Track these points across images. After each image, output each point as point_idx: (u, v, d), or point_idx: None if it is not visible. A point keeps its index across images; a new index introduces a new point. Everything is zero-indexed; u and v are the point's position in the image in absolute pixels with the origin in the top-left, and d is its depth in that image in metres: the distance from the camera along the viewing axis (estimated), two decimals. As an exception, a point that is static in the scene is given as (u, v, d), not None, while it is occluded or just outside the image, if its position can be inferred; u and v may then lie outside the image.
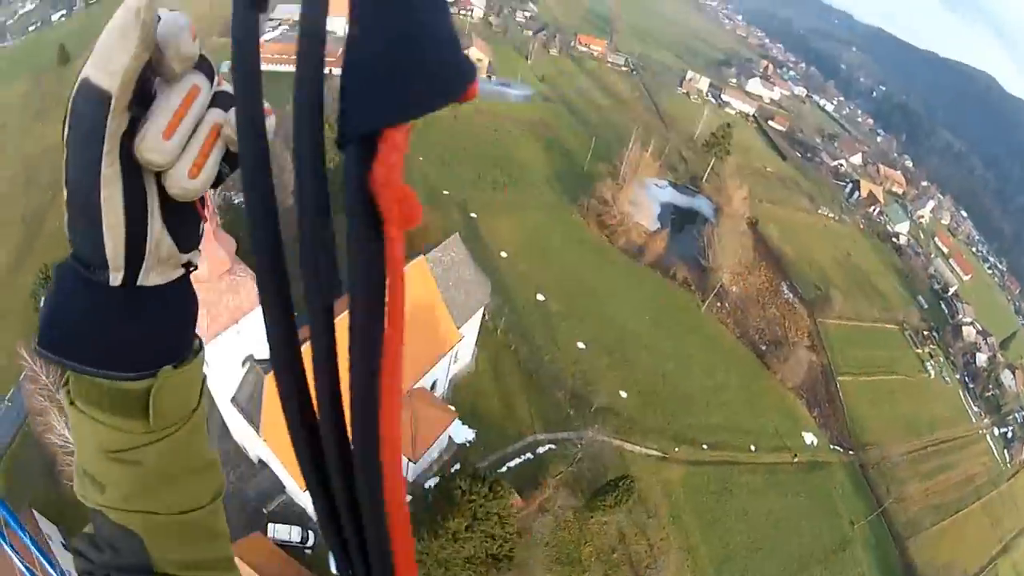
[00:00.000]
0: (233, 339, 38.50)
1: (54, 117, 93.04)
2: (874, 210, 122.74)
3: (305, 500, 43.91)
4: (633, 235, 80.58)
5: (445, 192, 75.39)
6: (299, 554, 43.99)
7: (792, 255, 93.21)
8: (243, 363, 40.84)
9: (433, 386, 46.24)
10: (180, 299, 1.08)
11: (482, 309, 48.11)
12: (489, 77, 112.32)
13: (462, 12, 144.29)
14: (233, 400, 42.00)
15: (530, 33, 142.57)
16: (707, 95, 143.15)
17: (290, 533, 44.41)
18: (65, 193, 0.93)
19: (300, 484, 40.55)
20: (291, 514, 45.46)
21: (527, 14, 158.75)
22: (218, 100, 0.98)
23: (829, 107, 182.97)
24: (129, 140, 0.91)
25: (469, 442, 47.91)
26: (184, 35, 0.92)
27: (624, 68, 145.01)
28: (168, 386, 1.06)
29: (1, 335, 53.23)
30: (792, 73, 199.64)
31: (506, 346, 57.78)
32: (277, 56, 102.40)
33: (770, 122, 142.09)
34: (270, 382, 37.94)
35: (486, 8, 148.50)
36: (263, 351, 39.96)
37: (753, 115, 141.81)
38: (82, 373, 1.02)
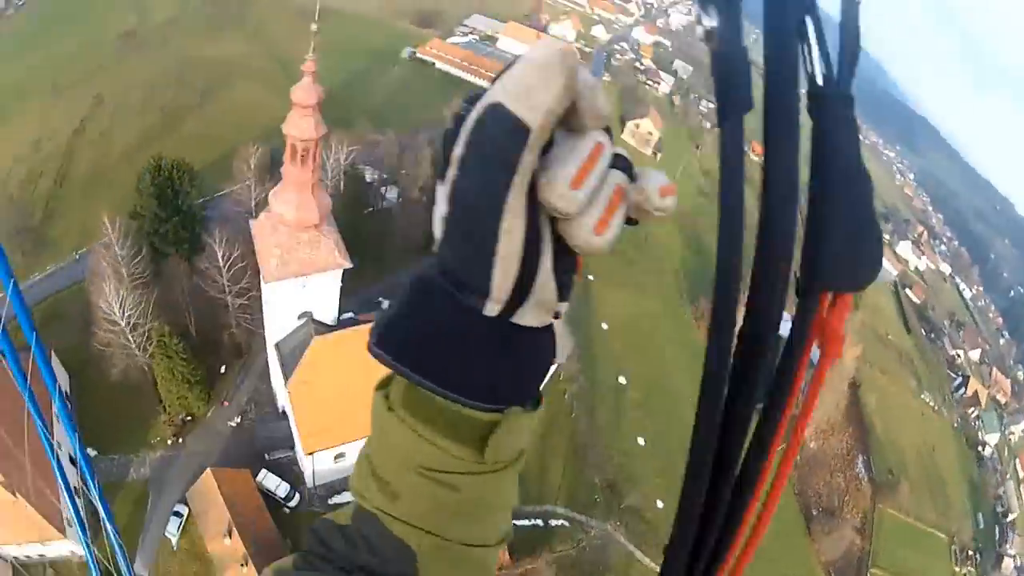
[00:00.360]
0: (297, 290, 40.08)
1: (214, 32, 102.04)
2: (972, 412, 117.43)
3: (306, 465, 44.54)
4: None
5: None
6: (276, 508, 44.75)
7: (880, 431, 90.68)
8: (300, 316, 42.22)
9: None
10: (542, 346, 1.06)
11: (555, 367, 48.10)
12: (655, 154, 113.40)
13: (648, 82, 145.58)
14: (277, 346, 43.45)
15: (708, 125, 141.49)
16: None
17: (278, 487, 45.15)
18: (448, 210, 0.93)
19: (305, 447, 42.24)
20: (288, 470, 46.58)
21: (711, 106, 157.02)
22: (616, 163, 0.96)
23: (967, 293, 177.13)
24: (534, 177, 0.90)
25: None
26: (600, 92, 0.91)
27: None
28: (512, 426, 1.05)
29: (102, 201, 57.66)
30: (943, 248, 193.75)
31: (568, 413, 57.83)
32: (461, 62, 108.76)
33: (907, 290, 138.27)
34: (317, 344, 41.00)
35: (673, 86, 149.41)
36: (321, 313, 43.13)
37: (895, 278, 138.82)
38: (430, 390, 1.01)
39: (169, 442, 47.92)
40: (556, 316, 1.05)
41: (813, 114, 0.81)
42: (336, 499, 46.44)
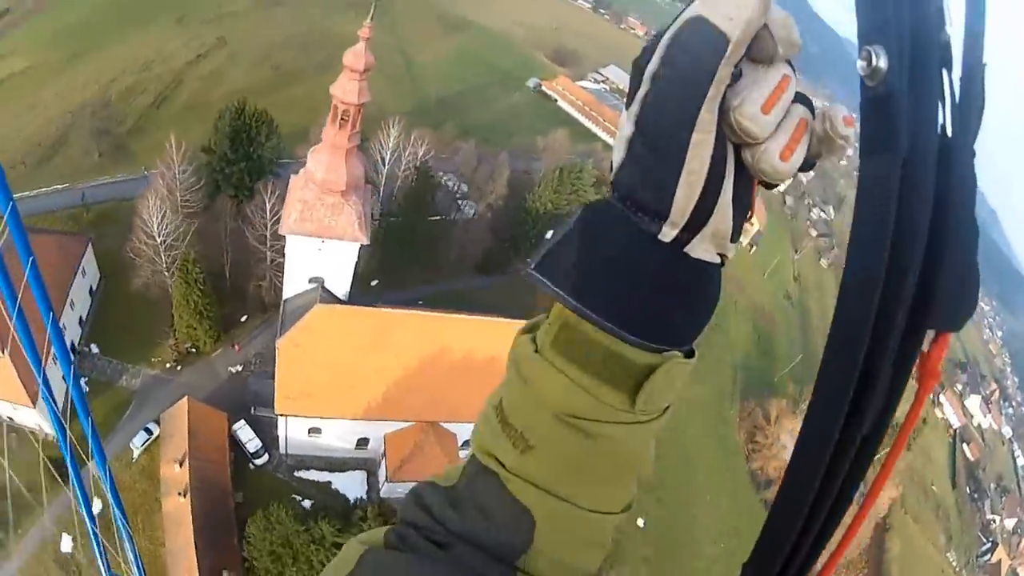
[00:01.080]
0: (313, 251, 39.28)
1: (354, 12, 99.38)
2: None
3: (283, 430, 43.05)
4: (772, 466, 72.15)
5: None
6: (243, 461, 43.54)
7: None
8: (311, 280, 41.45)
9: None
10: (709, 286, 0.96)
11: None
12: (751, 247, 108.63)
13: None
14: (285, 303, 42.56)
15: (814, 233, 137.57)
16: None
17: (250, 440, 43.87)
18: (632, 130, 0.88)
19: (279, 407, 40.55)
20: (266, 430, 44.88)
21: (822, 215, 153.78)
22: (798, 98, 0.90)
23: (1021, 460, 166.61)
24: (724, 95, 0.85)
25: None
26: (792, 22, 0.88)
27: None
28: (670, 371, 0.93)
29: (187, 130, 56.58)
30: (1011, 410, 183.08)
31: None
32: (584, 106, 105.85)
33: (964, 445, 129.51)
34: (319, 311, 39.16)
35: (789, 187, 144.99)
36: (334, 283, 41.65)
37: (955, 430, 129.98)
38: (589, 320, 0.91)
39: (168, 365, 47.69)
40: (722, 261, 0.98)
41: (940, 163, 0.78)
42: (303, 473, 44.55)
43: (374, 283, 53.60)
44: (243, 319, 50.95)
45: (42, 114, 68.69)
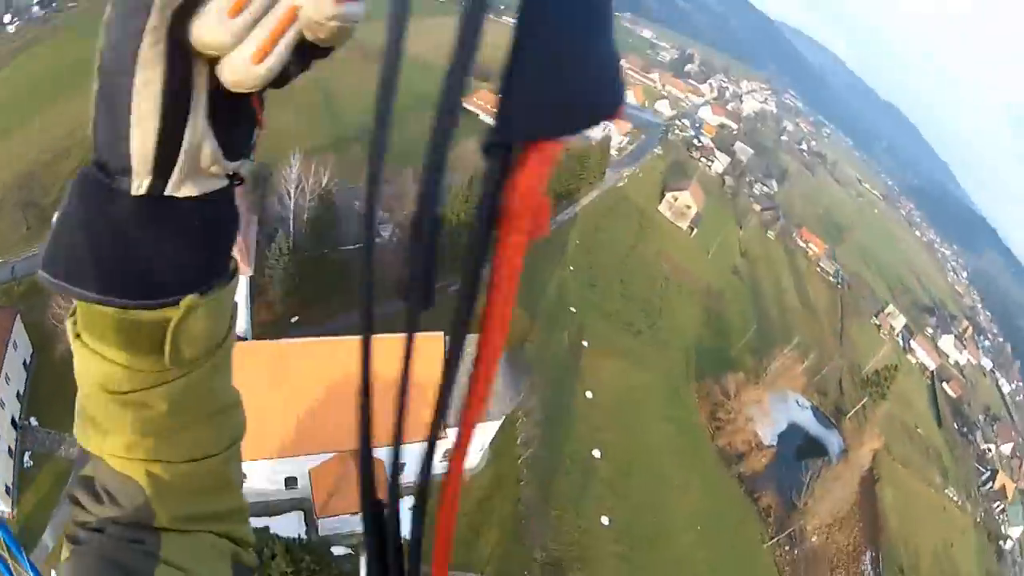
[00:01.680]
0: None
1: None
2: (998, 506, 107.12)
3: None
4: (739, 439, 70.29)
5: (572, 309, 70.28)
6: None
7: (894, 528, 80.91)
8: None
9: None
10: (217, 216, 0.88)
11: (501, 419, 43.28)
12: (691, 229, 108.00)
13: (702, 159, 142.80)
14: None
15: (757, 208, 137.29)
16: (897, 335, 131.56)
17: None
18: (96, 84, 0.76)
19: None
20: None
21: (765, 189, 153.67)
22: None
23: (1007, 388, 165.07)
24: (180, 21, 0.71)
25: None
26: None
27: (830, 278, 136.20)
28: (191, 318, 0.87)
29: None
30: (987, 343, 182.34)
31: (515, 479, 50.65)
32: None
33: (944, 384, 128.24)
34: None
35: (728, 166, 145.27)
36: None
37: (932, 372, 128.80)
38: (86, 300, 0.84)
39: None
40: (234, 180, 0.89)
41: None
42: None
43: (294, 320, 52.07)
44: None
45: None
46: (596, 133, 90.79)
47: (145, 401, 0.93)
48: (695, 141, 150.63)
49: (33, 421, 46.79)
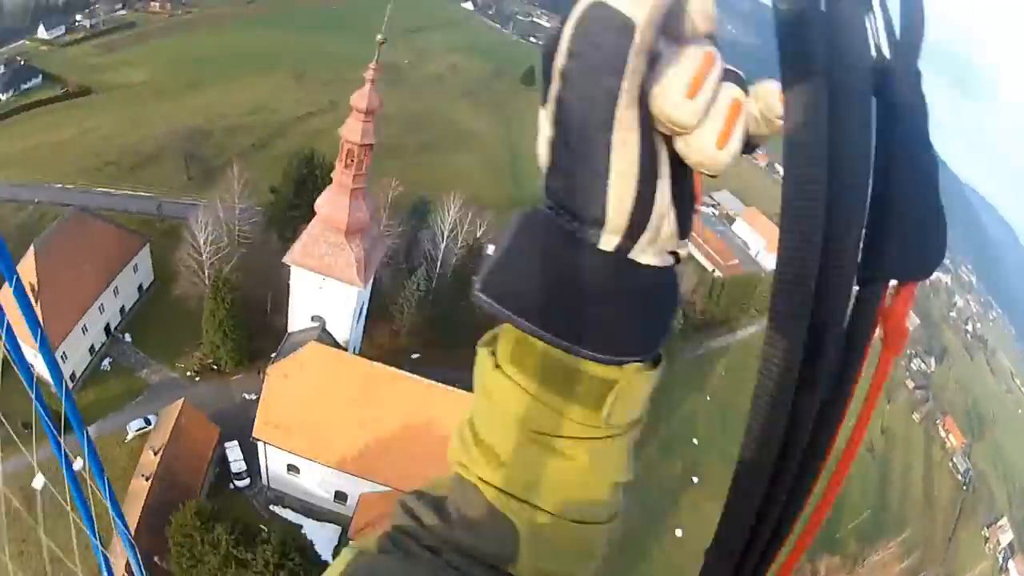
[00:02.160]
0: (314, 288, 39.73)
1: (473, 105, 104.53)
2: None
3: (262, 457, 42.49)
4: None
5: (694, 441, 66.76)
6: (224, 479, 44.05)
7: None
8: (313, 318, 41.81)
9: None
10: (663, 291, 0.89)
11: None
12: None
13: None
14: (289, 335, 43.25)
15: (911, 384, 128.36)
16: (1000, 551, 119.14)
17: (236, 461, 44.75)
18: (552, 132, 0.79)
19: (256, 431, 39.67)
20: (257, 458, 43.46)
21: (922, 367, 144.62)
22: (729, 77, 0.78)
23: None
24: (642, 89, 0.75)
25: None
26: None
27: (959, 476, 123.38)
28: (631, 384, 0.88)
29: (272, 173, 60.66)
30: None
31: None
32: (694, 236, 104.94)
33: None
34: (313, 348, 38.85)
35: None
36: (334, 327, 41.43)
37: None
38: (540, 338, 0.85)
39: (188, 374, 49.67)
40: (677, 259, 0.90)
41: (877, 90, 0.69)
42: (279, 509, 43.67)
43: (415, 356, 52.76)
44: (273, 356, 52.08)
45: (147, 126, 74.43)
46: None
47: (567, 451, 0.93)
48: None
49: (127, 336, 50.96)
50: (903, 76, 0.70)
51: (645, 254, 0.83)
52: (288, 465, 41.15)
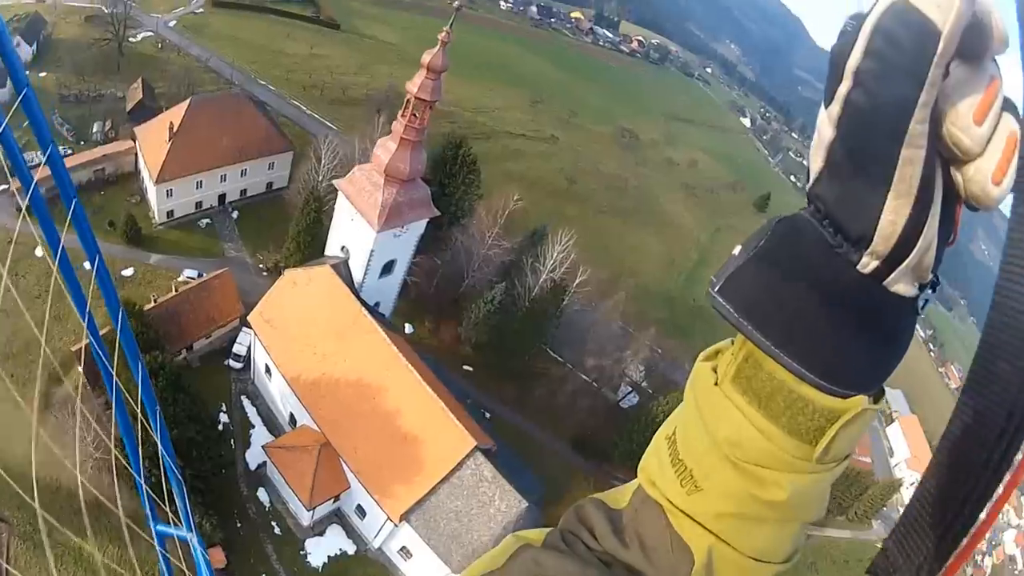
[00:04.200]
0: (347, 219, 41.88)
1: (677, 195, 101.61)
2: None
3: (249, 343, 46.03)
4: None
5: None
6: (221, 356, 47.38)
7: None
8: (342, 248, 43.83)
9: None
10: (904, 325, 0.85)
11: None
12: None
13: None
14: (324, 256, 45.67)
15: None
16: None
17: (240, 345, 47.80)
18: (833, 135, 0.75)
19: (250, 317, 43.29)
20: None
21: None
22: (1006, 106, 0.73)
23: None
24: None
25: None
26: (1000, 17, 0.71)
27: None
28: (856, 421, 0.85)
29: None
30: None
31: None
32: None
33: None
34: (321, 270, 43.21)
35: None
36: (354, 263, 42.78)
37: None
38: (774, 358, 0.83)
39: (260, 266, 56.03)
40: (925, 292, 0.85)
41: None
42: (245, 400, 46.58)
43: (466, 367, 53.61)
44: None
45: (368, 77, 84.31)
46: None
47: (769, 481, 0.89)
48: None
49: (234, 213, 60.70)
50: None
51: (899, 284, 0.79)
52: (265, 365, 43.78)
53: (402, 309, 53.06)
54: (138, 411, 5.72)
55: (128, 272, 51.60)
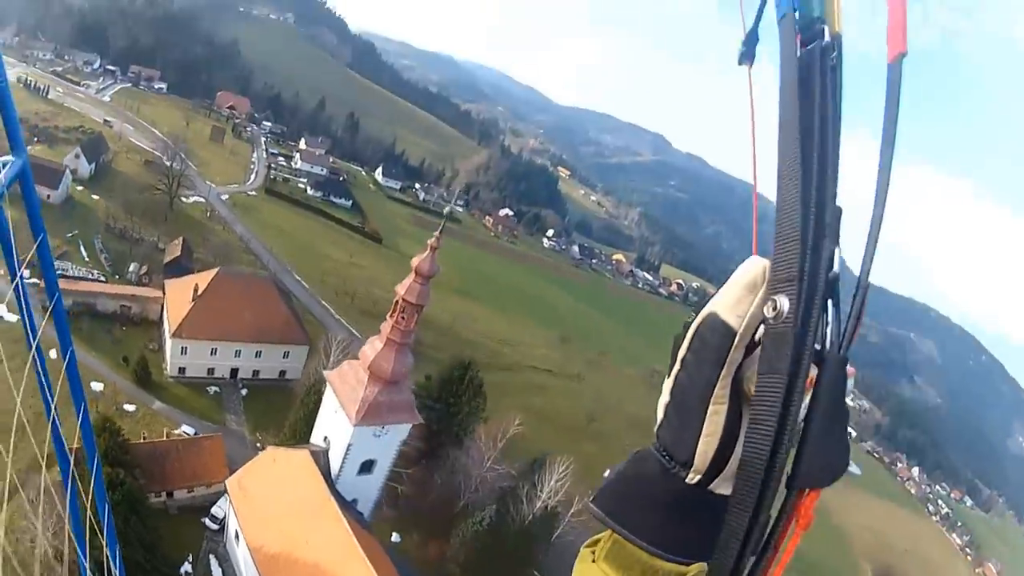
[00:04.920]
0: (331, 410, 42.75)
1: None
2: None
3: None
4: None
5: None
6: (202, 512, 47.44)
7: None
8: (324, 438, 44.01)
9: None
10: (719, 515, 1.14)
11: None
12: None
13: None
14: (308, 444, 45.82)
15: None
16: None
17: (219, 508, 47.84)
18: (668, 399, 1.19)
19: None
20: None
21: None
22: None
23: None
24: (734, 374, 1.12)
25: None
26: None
27: None
28: None
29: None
30: None
31: None
32: None
33: None
34: (298, 455, 42.78)
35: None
36: (333, 449, 42.67)
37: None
38: (633, 543, 1.21)
39: (258, 444, 54.93)
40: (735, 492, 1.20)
41: (817, 364, 1.07)
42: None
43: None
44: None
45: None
46: None
47: None
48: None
49: (243, 391, 61.90)
50: (834, 363, 1.07)
51: (720, 487, 1.17)
52: (235, 531, 43.33)
53: (392, 518, 52.82)
54: (87, 507, 5.74)
55: (130, 408, 53.73)
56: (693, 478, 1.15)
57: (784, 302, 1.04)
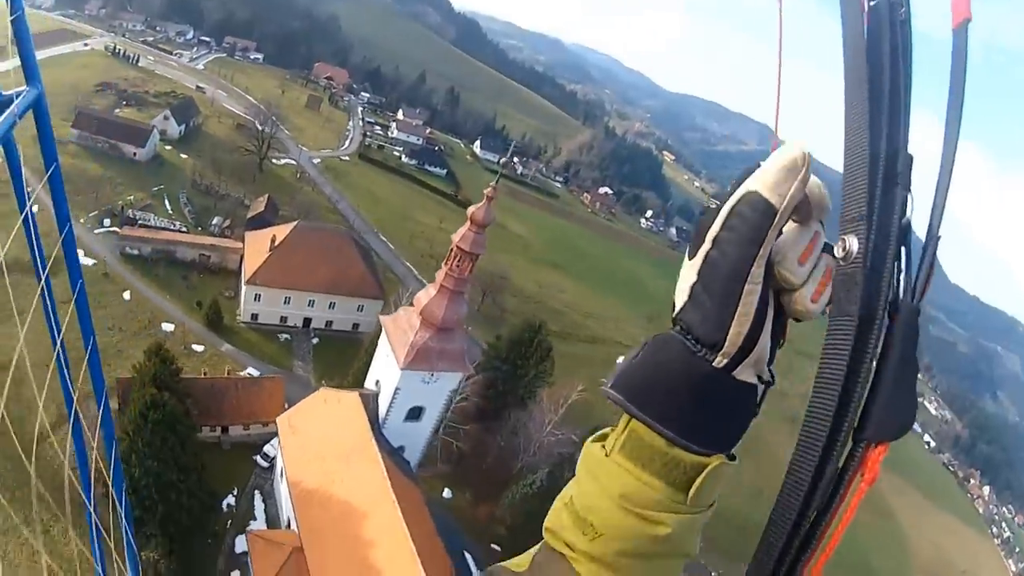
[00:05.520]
0: (383, 354, 43.47)
1: None
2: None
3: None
4: None
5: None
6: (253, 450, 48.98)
7: None
8: (376, 382, 44.76)
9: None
10: (749, 402, 1.17)
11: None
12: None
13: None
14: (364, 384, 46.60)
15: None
16: None
17: (271, 447, 48.89)
18: (696, 279, 1.12)
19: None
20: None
21: None
22: (826, 248, 1.17)
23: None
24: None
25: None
26: (825, 191, 1.14)
27: None
28: (716, 472, 1.15)
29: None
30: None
31: None
32: None
33: None
34: (349, 396, 43.39)
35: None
36: (383, 392, 43.23)
37: None
38: (653, 429, 1.14)
39: (321, 387, 54.52)
40: (764, 382, 1.20)
41: (891, 315, 1.11)
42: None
43: (494, 548, 51.55)
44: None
45: (486, 259, 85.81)
46: None
47: (656, 521, 1.15)
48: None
49: (315, 339, 63.92)
50: (908, 311, 1.09)
51: (744, 373, 1.13)
52: (281, 467, 44.27)
53: (447, 474, 53.65)
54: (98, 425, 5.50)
55: (199, 348, 56.05)
56: (721, 362, 1.10)
57: (853, 242, 1.07)
